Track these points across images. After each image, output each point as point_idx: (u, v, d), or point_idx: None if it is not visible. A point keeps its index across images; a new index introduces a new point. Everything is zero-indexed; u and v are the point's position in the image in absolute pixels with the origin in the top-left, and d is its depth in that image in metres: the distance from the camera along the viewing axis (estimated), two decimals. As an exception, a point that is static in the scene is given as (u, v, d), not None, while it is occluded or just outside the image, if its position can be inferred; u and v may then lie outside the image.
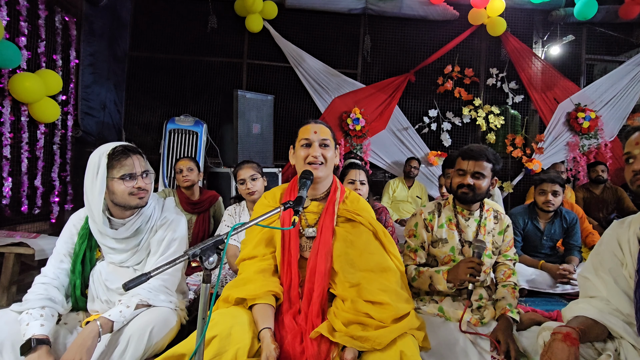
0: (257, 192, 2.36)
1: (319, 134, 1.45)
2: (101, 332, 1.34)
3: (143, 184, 1.51)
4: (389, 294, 1.33)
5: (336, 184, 1.54)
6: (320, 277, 1.35)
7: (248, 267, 1.43)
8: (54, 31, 3.38)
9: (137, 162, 1.51)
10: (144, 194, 1.52)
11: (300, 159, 1.46)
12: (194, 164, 2.94)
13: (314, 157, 1.43)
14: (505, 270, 1.85)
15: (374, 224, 1.47)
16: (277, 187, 1.64)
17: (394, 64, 5.14)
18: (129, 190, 1.48)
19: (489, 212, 1.88)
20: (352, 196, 1.58)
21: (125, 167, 1.48)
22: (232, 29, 4.92)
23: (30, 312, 1.37)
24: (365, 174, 2.32)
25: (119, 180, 1.47)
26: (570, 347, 1.14)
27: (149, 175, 1.56)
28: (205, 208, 2.97)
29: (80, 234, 1.56)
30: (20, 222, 3.12)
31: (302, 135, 1.47)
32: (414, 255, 1.85)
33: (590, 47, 5.21)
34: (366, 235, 1.46)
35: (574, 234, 2.79)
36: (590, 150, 4.97)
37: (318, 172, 1.43)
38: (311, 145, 1.44)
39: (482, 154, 1.73)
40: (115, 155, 1.48)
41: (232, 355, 1.17)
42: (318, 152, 1.43)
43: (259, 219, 1.12)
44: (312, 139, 1.45)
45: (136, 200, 1.50)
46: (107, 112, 4.32)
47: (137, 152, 1.53)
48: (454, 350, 1.52)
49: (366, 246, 1.42)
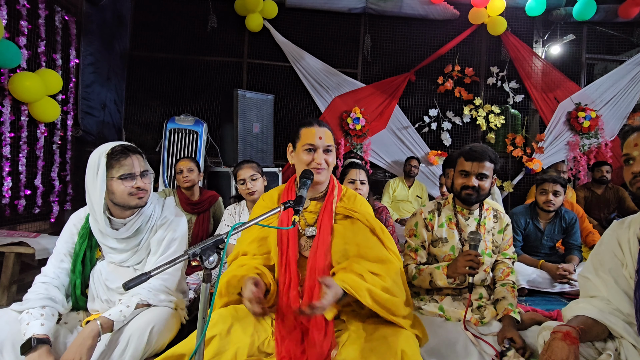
0: (257, 192, 2.36)
1: (324, 140, 1.45)
2: (101, 331, 1.34)
3: (142, 184, 1.50)
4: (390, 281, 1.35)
5: (333, 183, 1.54)
6: (320, 274, 1.36)
7: (235, 263, 1.44)
8: (54, 30, 3.37)
9: (136, 161, 1.50)
10: (143, 194, 1.51)
11: (302, 162, 1.45)
12: (195, 164, 2.93)
13: (318, 164, 1.43)
14: (504, 268, 1.86)
15: (371, 221, 1.47)
16: (274, 188, 1.64)
17: (394, 63, 5.14)
18: (128, 190, 1.47)
19: (489, 211, 1.88)
20: (349, 193, 1.58)
21: (125, 167, 1.47)
22: (232, 28, 4.92)
23: (31, 311, 1.37)
24: (366, 173, 2.33)
25: (118, 180, 1.46)
26: (570, 346, 1.14)
27: (148, 175, 1.55)
28: (205, 208, 2.97)
29: (81, 234, 1.56)
30: (20, 221, 3.12)
31: (306, 139, 1.45)
32: (414, 254, 1.85)
33: (591, 46, 5.20)
34: (364, 231, 1.46)
35: (574, 234, 2.79)
36: (591, 150, 4.96)
37: (321, 177, 1.44)
38: (316, 151, 1.44)
39: (485, 155, 1.73)
40: (114, 155, 1.47)
41: (232, 354, 1.17)
42: (322, 159, 1.44)
43: (258, 219, 1.12)
44: (317, 144, 1.44)
45: (135, 200, 1.50)
46: (107, 112, 4.32)
47: (136, 152, 1.53)
48: (454, 350, 1.52)
49: (364, 242, 1.43)
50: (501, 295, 1.75)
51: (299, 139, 1.48)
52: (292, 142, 1.53)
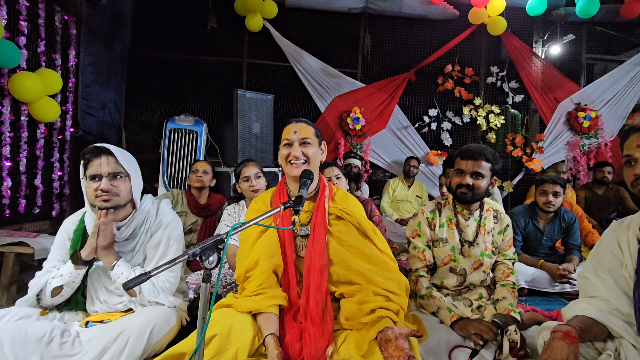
0: (260, 189, 2.37)
1: (299, 133, 1.48)
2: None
3: (107, 186, 1.46)
4: (392, 283, 1.37)
5: (324, 182, 1.56)
6: (317, 273, 1.36)
7: (252, 282, 1.38)
8: (53, 30, 3.37)
9: (105, 162, 1.47)
10: (108, 196, 1.46)
11: (282, 158, 1.49)
12: (210, 168, 3.04)
13: (294, 157, 1.45)
14: (504, 269, 1.85)
15: (362, 224, 1.49)
16: (265, 191, 1.66)
17: (394, 63, 5.14)
18: (93, 191, 1.46)
19: (489, 212, 1.87)
20: (340, 193, 1.60)
21: (92, 168, 1.47)
22: (232, 28, 4.92)
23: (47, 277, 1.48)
24: (338, 167, 2.41)
25: (87, 180, 1.48)
26: (570, 345, 1.14)
27: (122, 177, 1.50)
28: (212, 212, 3.00)
29: (74, 237, 1.56)
30: (20, 221, 3.11)
31: (284, 135, 1.50)
32: (422, 255, 1.81)
33: (591, 46, 5.20)
34: (356, 233, 1.48)
35: (573, 234, 2.79)
36: (591, 150, 4.97)
37: (299, 170, 1.44)
38: (292, 145, 1.47)
39: (480, 154, 1.73)
40: (85, 155, 1.48)
41: (232, 354, 1.17)
42: (298, 152, 1.45)
43: (258, 219, 1.12)
44: (292, 138, 1.47)
45: (99, 201, 1.46)
46: (107, 112, 4.31)
47: (109, 154, 1.49)
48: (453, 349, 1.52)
49: (358, 244, 1.45)
50: (501, 295, 1.75)
51: (281, 138, 1.52)
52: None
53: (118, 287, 1.53)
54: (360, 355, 1.18)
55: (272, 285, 1.37)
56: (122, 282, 1.29)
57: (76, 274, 1.47)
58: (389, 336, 1.18)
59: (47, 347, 1.33)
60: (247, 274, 1.40)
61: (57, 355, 1.34)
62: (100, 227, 1.45)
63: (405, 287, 1.41)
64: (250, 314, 1.32)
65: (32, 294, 1.48)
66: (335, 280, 1.40)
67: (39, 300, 1.50)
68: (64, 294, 1.50)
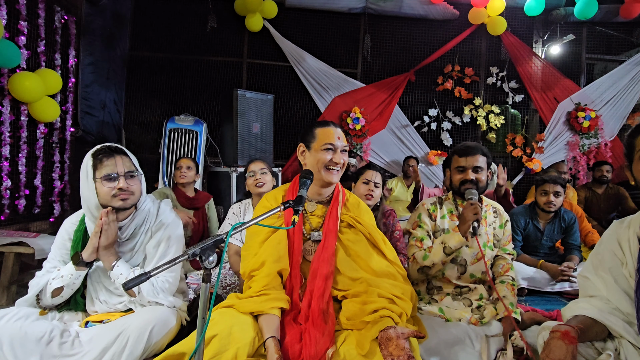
0: (265, 185, 2.36)
1: (342, 140, 1.50)
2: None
3: (125, 185, 1.47)
4: (397, 289, 1.36)
5: (339, 188, 1.56)
6: (322, 280, 1.37)
7: (256, 282, 1.38)
8: (53, 30, 3.37)
9: (119, 162, 1.48)
10: (126, 195, 1.48)
11: (320, 161, 1.46)
12: (194, 164, 3.06)
13: (335, 163, 1.46)
14: (504, 264, 1.88)
15: (373, 234, 1.49)
16: (277, 188, 1.63)
17: (394, 63, 5.14)
18: (111, 191, 1.46)
19: (488, 207, 1.93)
20: (352, 199, 1.59)
21: (107, 168, 1.46)
22: (232, 28, 4.92)
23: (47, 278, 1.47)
24: (382, 177, 2.24)
25: (100, 180, 1.46)
26: (569, 345, 1.14)
27: (136, 176, 1.52)
28: (201, 204, 3.08)
29: (75, 237, 1.56)
30: (19, 221, 3.11)
31: (326, 139, 1.47)
32: (420, 243, 1.84)
33: (591, 46, 5.20)
34: (366, 243, 1.48)
35: (573, 234, 2.79)
36: (590, 150, 4.97)
37: (335, 177, 1.47)
38: (335, 151, 1.47)
39: (477, 149, 1.81)
40: (98, 156, 1.47)
41: (232, 354, 1.17)
42: (341, 159, 1.47)
43: (258, 219, 1.12)
44: (337, 145, 1.48)
45: (118, 201, 1.47)
46: (107, 112, 4.31)
47: (121, 153, 1.51)
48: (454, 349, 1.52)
49: (366, 255, 1.45)
50: (502, 294, 1.76)
51: (315, 139, 1.49)
52: (304, 143, 1.53)
53: (118, 287, 1.53)
54: (362, 354, 1.18)
55: (276, 287, 1.37)
56: (122, 283, 1.29)
57: (77, 275, 1.47)
58: (390, 335, 1.17)
59: (47, 347, 1.33)
60: (252, 273, 1.40)
61: (56, 355, 1.34)
62: (103, 227, 1.44)
63: (411, 295, 1.40)
64: (252, 314, 1.32)
65: (32, 294, 1.48)
66: (340, 287, 1.40)
67: (39, 301, 1.50)
68: (64, 295, 1.50)
